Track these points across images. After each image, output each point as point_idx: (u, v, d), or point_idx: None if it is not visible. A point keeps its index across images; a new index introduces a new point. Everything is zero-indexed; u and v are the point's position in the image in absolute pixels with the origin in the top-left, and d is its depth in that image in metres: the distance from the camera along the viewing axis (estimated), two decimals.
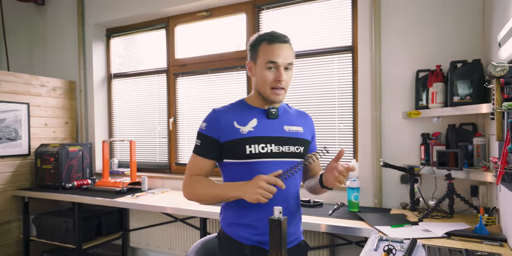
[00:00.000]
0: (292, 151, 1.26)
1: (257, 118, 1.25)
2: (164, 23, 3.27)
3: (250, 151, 1.20)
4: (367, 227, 1.76)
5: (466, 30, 2.10)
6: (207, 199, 1.21)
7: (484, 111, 1.76)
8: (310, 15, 2.66)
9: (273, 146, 1.22)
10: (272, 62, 1.20)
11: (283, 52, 1.22)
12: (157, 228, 3.06)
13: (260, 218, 1.20)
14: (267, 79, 1.21)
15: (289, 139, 1.26)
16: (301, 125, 1.34)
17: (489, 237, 1.52)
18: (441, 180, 2.05)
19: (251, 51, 1.28)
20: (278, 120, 1.28)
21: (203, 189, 1.20)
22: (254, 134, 1.21)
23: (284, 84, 1.23)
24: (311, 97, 2.62)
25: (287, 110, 1.36)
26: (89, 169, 3.27)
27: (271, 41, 1.22)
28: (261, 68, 1.22)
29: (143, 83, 3.41)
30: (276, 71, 1.22)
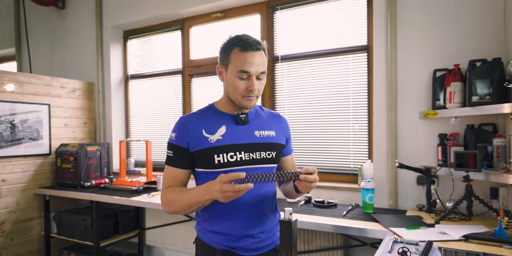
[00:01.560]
0: (263, 157, 1.21)
1: (226, 125, 1.21)
2: (179, 25, 3.31)
3: (219, 160, 1.17)
4: (381, 229, 1.74)
5: (485, 28, 2.05)
6: (184, 208, 1.15)
7: (505, 111, 1.71)
8: (324, 14, 2.64)
9: (243, 153, 1.18)
10: (244, 71, 1.14)
11: (255, 61, 1.14)
12: (173, 227, 3.10)
13: (229, 225, 1.19)
14: (239, 88, 1.16)
15: (260, 144, 1.22)
16: (273, 128, 1.29)
17: (509, 240, 1.48)
18: (459, 181, 2.00)
19: (222, 54, 1.21)
20: (248, 126, 1.24)
21: (176, 198, 1.15)
22: (222, 142, 1.18)
23: (256, 93, 1.18)
24: (325, 97, 2.60)
25: (258, 113, 1.31)
26: (106, 168, 3.35)
27: (244, 48, 1.14)
28: (232, 76, 1.16)
29: (159, 84, 3.46)
30: (248, 81, 1.15)
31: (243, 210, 1.19)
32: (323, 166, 2.60)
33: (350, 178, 2.51)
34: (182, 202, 1.14)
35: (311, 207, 2.25)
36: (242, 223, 1.20)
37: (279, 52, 2.81)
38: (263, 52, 1.20)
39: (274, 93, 2.82)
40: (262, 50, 1.19)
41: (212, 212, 1.22)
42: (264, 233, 1.23)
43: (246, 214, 1.19)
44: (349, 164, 2.52)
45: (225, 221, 1.20)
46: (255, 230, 1.21)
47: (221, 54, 1.23)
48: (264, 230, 1.23)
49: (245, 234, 1.20)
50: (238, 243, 1.19)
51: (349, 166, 2.52)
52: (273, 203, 1.30)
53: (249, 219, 1.20)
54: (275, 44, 2.84)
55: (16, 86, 3.01)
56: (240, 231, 1.19)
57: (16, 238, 3.01)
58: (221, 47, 1.23)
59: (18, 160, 3.02)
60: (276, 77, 2.82)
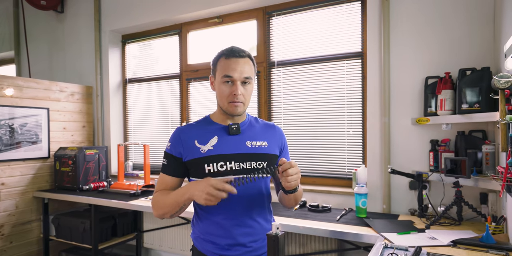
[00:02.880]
0: (253, 167, 1.25)
1: (218, 136, 1.26)
2: (177, 30, 3.35)
3: (209, 170, 1.21)
4: (373, 234, 1.78)
5: (475, 37, 2.10)
6: (169, 209, 1.19)
7: (493, 120, 1.76)
8: (320, 21, 2.69)
9: (233, 163, 1.23)
10: (227, 76, 1.21)
11: (239, 67, 1.21)
12: (170, 230, 3.14)
13: (220, 234, 1.24)
14: (224, 93, 1.23)
15: (250, 155, 1.26)
16: (266, 139, 1.33)
17: (495, 246, 1.52)
18: (449, 187, 2.05)
19: (212, 65, 1.30)
20: (239, 136, 1.28)
21: (163, 200, 1.20)
22: (213, 152, 1.23)
23: (241, 98, 1.23)
24: (321, 103, 2.65)
25: (252, 124, 1.35)
26: (105, 172, 3.38)
27: (228, 55, 1.23)
28: (219, 82, 1.24)
29: (157, 88, 3.50)
30: (232, 86, 1.22)
31: (234, 218, 1.23)
32: (318, 170, 2.64)
33: (345, 182, 2.56)
34: (165, 203, 1.20)
35: (305, 211, 2.29)
36: (233, 232, 1.23)
37: (275, 57, 2.85)
38: (249, 59, 1.27)
39: (270, 98, 2.87)
40: (248, 58, 1.26)
41: (204, 221, 1.26)
42: (256, 243, 1.26)
43: (237, 223, 1.23)
44: (344, 169, 2.57)
45: (217, 229, 1.24)
46: (247, 239, 1.24)
47: (212, 65, 1.32)
48: (256, 239, 1.26)
49: (237, 242, 1.23)
50: (230, 252, 1.23)
51: (344, 170, 2.57)
52: (265, 211, 1.32)
53: (240, 227, 1.24)
54: (271, 49, 2.88)
55: (15, 91, 3.04)
56: (230, 240, 1.23)
57: (15, 241, 3.04)
58: (212, 60, 1.32)
59: (17, 164, 3.06)
60: (272, 82, 2.86)
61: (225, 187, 1.07)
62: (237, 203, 1.23)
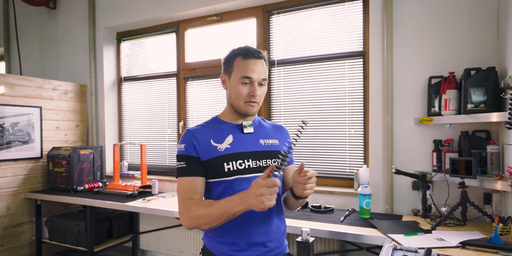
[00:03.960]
0: (269, 164, 1.25)
1: (232, 134, 1.25)
2: (174, 27, 3.29)
3: (229, 168, 1.19)
4: (380, 235, 1.76)
5: (479, 37, 2.09)
6: (211, 221, 1.10)
7: (499, 120, 1.75)
8: (320, 20, 2.66)
9: (251, 161, 1.22)
10: (247, 77, 1.20)
11: (257, 68, 1.21)
12: (167, 231, 3.08)
13: (239, 234, 1.20)
14: (241, 94, 1.22)
15: (265, 152, 1.26)
16: (276, 137, 1.34)
17: (504, 247, 1.51)
18: (453, 187, 2.04)
19: (225, 64, 1.28)
20: (253, 134, 1.28)
21: (203, 210, 1.11)
22: (232, 150, 1.21)
23: (257, 99, 1.23)
24: (322, 102, 2.62)
25: (261, 124, 1.36)
26: (99, 172, 3.30)
27: (246, 56, 1.22)
28: (236, 82, 1.23)
29: (153, 86, 3.44)
30: (250, 86, 1.22)
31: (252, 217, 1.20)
32: (320, 170, 2.61)
33: (346, 182, 2.53)
34: (210, 214, 1.09)
35: (308, 212, 2.26)
36: (251, 231, 1.20)
37: (276, 56, 2.82)
38: (264, 61, 1.27)
39: (270, 97, 2.83)
40: (263, 59, 1.26)
41: None
42: (272, 242, 1.24)
43: (255, 222, 1.20)
44: (345, 169, 2.55)
45: (233, 229, 1.20)
46: (265, 238, 1.22)
47: (224, 64, 1.29)
48: (272, 238, 1.24)
49: (255, 242, 1.20)
50: (248, 253, 1.20)
51: (345, 170, 2.55)
52: (280, 212, 1.31)
53: (258, 226, 1.21)
54: (271, 48, 2.84)
55: (6, 89, 2.94)
56: (249, 239, 1.20)
57: (7, 243, 2.95)
58: (224, 58, 1.29)
59: (8, 164, 2.96)
60: (272, 81, 2.82)
61: (275, 182, 1.00)
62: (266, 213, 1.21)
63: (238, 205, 1.05)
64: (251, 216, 1.20)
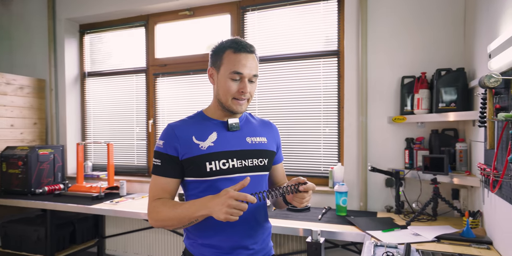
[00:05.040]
0: (255, 164, 1.19)
1: (217, 132, 1.18)
2: (143, 21, 3.15)
3: (211, 168, 1.12)
4: (359, 232, 1.78)
5: (447, 38, 2.18)
6: (174, 223, 1.08)
7: (469, 118, 1.83)
8: (296, 18, 2.66)
9: (235, 160, 1.15)
10: (237, 72, 1.12)
11: (248, 63, 1.14)
12: (136, 234, 2.94)
13: (223, 238, 1.14)
14: (230, 90, 1.14)
15: (252, 151, 1.19)
16: (265, 135, 1.27)
17: (476, 240, 1.58)
18: (425, 183, 2.11)
19: (214, 57, 1.19)
20: (239, 132, 1.21)
21: (168, 212, 1.08)
22: (214, 149, 1.14)
23: (247, 96, 1.16)
24: (296, 101, 2.62)
25: (249, 120, 1.29)
26: (61, 173, 3.09)
27: (237, 50, 1.14)
28: (225, 77, 1.14)
29: (120, 82, 3.27)
30: (240, 82, 1.14)
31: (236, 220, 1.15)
32: (294, 168, 2.61)
33: (321, 180, 2.55)
34: (173, 216, 1.07)
35: (285, 211, 2.25)
36: (235, 234, 1.14)
37: None
38: (255, 56, 1.19)
39: None
40: (254, 54, 1.19)
41: (203, 223, 1.15)
42: (257, 244, 1.19)
43: (239, 224, 1.14)
44: (320, 167, 2.56)
45: (217, 233, 1.14)
46: (249, 241, 1.16)
47: (212, 56, 1.20)
48: (257, 241, 1.19)
49: (239, 245, 1.15)
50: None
51: (320, 169, 2.56)
52: (266, 211, 1.26)
53: (243, 229, 1.15)
54: None
55: None
56: (233, 243, 1.14)
57: None
58: (212, 50, 1.21)
59: None
60: None
61: (247, 197, 0.95)
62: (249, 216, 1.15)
63: (201, 209, 1.02)
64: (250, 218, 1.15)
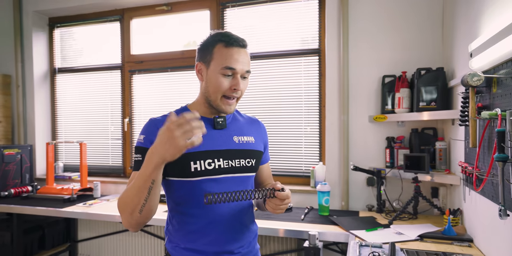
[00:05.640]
0: (242, 165, 1.13)
1: None
2: (118, 16, 3.02)
3: (196, 168, 1.05)
4: (343, 232, 1.76)
5: (426, 38, 2.21)
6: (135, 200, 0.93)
7: (450, 117, 1.86)
8: (276, 15, 2.62)
9: (221, 160, 1.09)
10: (229, 68, 1.05)
11: (241, 58, 1.07)
12: (111, 238, 2.82)
13: (206, 241, 1.08)
14: (221, 87, 1.06)
15: (239, 151, 1.13)
16: (252, 134, 1.20)
17: (457, 238, 1.60)
18: (405, 182, 2.13)
19: (202, 51, 1.11)
20: (226, 131, 1.14)
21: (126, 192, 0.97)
22: (199, 148, 1.05)
23: (239, 94, 1.10)
24: (277, 99, 2.58)
25: (236, 118, 1.22)
26: (28, 175, 2.91)
27: (229, 43, 1.06)
28: (215, 73, 1.07)
29: (94, 79, 3.12)
30: (232, 79, 1.07)
31: (221, 223, 1.08)
32: (275, 168, 2.58)
33: (302, 180, 2.53)
34: (131, 192, 0.94)
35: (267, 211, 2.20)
36: (220, 238, 1.08)
37: None
38: (247, 50, 1.12)
39: None
40: (246, 48, 1.12)
41: (186, 227, 1.09)
42: (243, 248, 1.14)
43: (224, 227, 1.09)
44: (301, 167, 2.54)
45: (202, 236, 1.08)
46: (234, 245, 1.11)
47: (201, 51, 1.12)
48: (243, 244, 1.14)
49: (224, 250, 1.09)
50: None
51: (301, 168, 2.54)
52: (252, 213, 1.21)
53: (228, 232, 1.10)
54: None
55: None
56: (218, 247, 1.08)
57: None
58: (201, 43, 1.13)
59: None
60: None
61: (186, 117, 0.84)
62: (225, 206, 1.09)
63: (149, 162, 0.90)
64: (221, 222, 1.09)
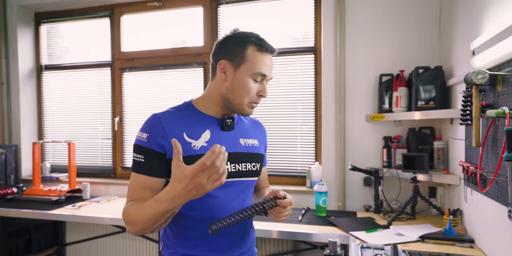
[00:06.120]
0: (248, 169, 1.08)
1: (210, 130, 1.04)
2: (108, 11, 2.93)
3: None
4: (343, 233, 1.72)
5: (423, 37, 2.19)
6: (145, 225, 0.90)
7: (450, 116, 1.84)
8: (271, 13, 2.57)
9: (229, 164, 1.04)
10: (262, 74, 1.03)
11: (271, 65, 1.06)
12: (100, 241, 2.73)
13: (211, 248, 1.02)
14: (251, 91, 1.03)
15: (245, 154, 1.08)
16: (256, 137, 1.16)
17: (458, 238, 1.58)
18: (403, 182, 2.11)
19: (231, 50, 1.03)
20: (233, 132, 1.09)
21: (135, 212, 0.91)
22: (207, 150, 0.96)
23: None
24: (272, 98, 2.53)
25: (241, 119, 1.17)
26: (14, 176, 2.80)
27: (263, 48, 1.03)
28: (246, 76, 1.02)
29: (83, 77, 3.02)
30: (260, 85, 1.05)
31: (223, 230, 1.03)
32: (271, 168, 2.53)
33: (298, 180, 2.49)
34: (141, 216, 0.89)
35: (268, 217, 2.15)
36: (222, 244, 1.03)
37: None
38: None
39: None
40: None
41: (188, 232, 1.03)
42: (245, 254, 1.09)
43: (227, 234, 1.03)
44: (297, 167, 2.50)
45: (205, 243, 1.02)
46: (237, 251, 1.06)
47: (228, 49, 1.04)
48: (245, 250, 1.09)
49: None
50: None
51: (297, 168, 2.50)
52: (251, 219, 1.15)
53: (231, 238, 1.04)
54: None
55: None
56: (220, 254, 1.03)
57: None
58: (233, 42, 1.04)
59: None
60: None
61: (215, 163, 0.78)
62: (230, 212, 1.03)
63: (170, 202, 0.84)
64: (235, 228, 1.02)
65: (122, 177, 2.86)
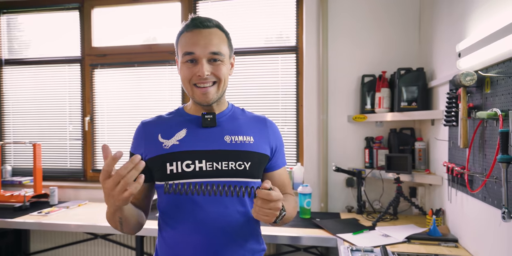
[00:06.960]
0: (231, 168, 0.97)
1: (187, 128, 1.01)
2: (77, 3, 2.75)
3: (171, 170, 0.96)
4: (330, 236, 1.69)
5: (405, 39, 2.21)
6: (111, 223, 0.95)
7: (432, 117, 1.86)
8: (253, 11, 2.51)
9: (204, 162, 0.96)
10: (187, 53, 0.95)
11: (202, 39, 0.95)
12: (70, 248, 2.55)
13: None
14: (185, 75, 0.97)
15: (229, 152, 0.99)
16: (252, 134, 1.05)
17: (443, 238, 1.59)
18: (386, 182, 2.12)
19: (175, 45, 1.04)
20: (217, 129, 1.02)
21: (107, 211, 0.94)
22: (178, 148, 0.97)
23: (211, 78, 0.97)
24: (253, 97, 2.48)
25: (235, 116, 1.09)
26: None
27: (189, 27, 0.97)
28: (181, 64, 0.99)
29: (49, 73, 2.81)
30: (195, 65, 0.96)
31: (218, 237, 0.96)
32: None
33: None
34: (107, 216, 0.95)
35: None
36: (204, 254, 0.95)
37: None
38: (219, 30, 1.01)
39: None
40: (216, 28, 1.00)
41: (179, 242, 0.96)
42: None
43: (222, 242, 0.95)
44: None
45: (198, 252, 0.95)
46: None
47: (175, 45, 1.05)
48: None
49: None
50: None
51: None
52: (249, 228, 1.02)
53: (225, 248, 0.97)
54: None
55: None
56: None
57: None
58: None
59: None
60: None
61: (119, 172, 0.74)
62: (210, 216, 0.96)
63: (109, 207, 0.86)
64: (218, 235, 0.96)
65: (93, 180, 2.70)
